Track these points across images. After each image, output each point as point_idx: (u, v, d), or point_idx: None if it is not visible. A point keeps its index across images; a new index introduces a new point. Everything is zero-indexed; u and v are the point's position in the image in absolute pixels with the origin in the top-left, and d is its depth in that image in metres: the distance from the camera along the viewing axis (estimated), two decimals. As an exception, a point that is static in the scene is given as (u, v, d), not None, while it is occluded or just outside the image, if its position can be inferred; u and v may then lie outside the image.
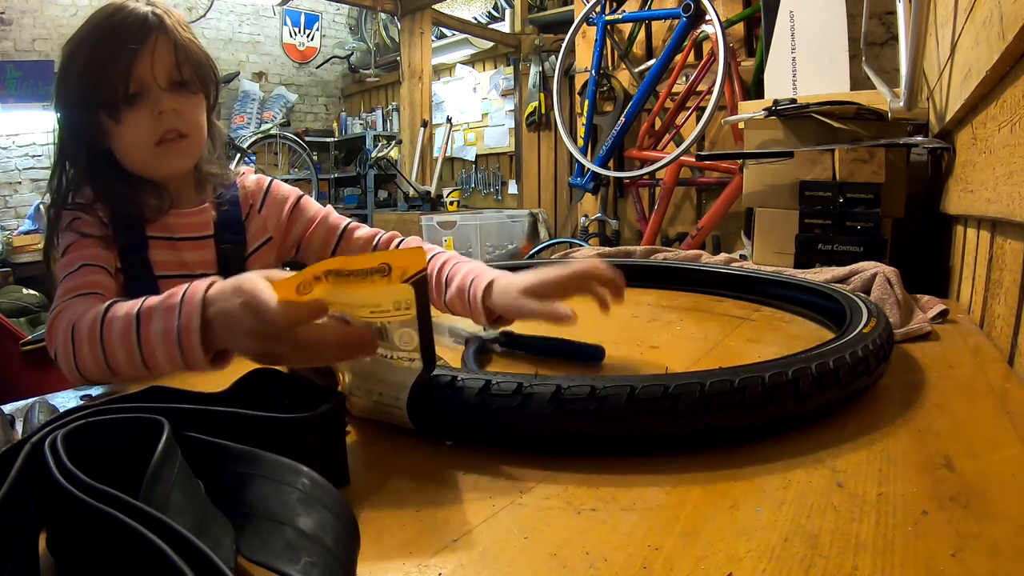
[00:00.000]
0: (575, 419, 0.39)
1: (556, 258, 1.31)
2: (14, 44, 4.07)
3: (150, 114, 0.68)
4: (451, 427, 0.43)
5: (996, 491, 0.35)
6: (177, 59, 0.69)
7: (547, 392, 0.39)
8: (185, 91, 0.71)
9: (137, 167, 0.72)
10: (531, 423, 0.40)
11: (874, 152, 1.09)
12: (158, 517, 0.23)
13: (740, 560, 0.29)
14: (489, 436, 0.42)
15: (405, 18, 3.95)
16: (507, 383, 0.40)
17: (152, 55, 0.68)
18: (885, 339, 0.52)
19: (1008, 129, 0.65)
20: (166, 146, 0.70)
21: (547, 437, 0.40)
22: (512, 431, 0.41)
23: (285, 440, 0.34)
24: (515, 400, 0.40)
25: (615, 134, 2.35)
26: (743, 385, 0.40)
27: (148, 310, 0.51)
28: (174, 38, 0.69)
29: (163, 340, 0.48)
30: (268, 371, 0.44)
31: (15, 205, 4.11)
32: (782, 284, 0.89)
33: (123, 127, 0.68)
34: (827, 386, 0.44)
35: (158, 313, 0.50)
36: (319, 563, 0.24)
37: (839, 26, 1.61)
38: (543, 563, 0.29)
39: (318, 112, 5.95)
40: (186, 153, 0.73)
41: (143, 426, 0.30)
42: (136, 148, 0.70)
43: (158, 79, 0.68)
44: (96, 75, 0.67)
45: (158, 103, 0.68)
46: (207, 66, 0.74)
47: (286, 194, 0.84)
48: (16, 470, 0.26)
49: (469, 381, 0.41)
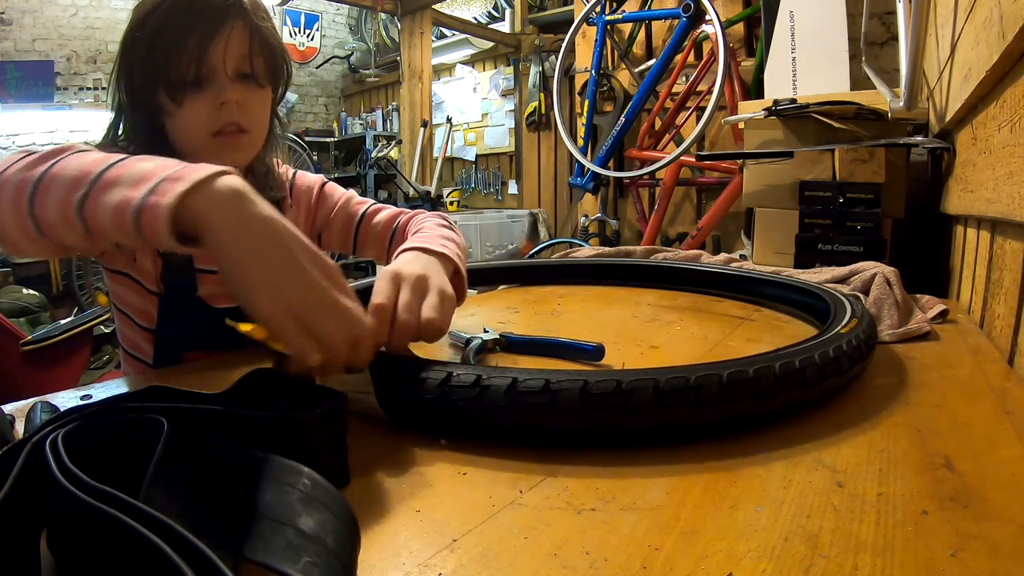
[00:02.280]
0: (530, 412, 0.40)
1: (556, 258, 1.31)
2: (14, 44, 4.07)
3: (212, 103, 0.64)
4: (416, 416, 0.44)
5: (996, 491, 0.35)
6: (251, 49, 0.65)
7: (504, 384, 0.40)
8: (252, 83, 0.67)
9: (189, 153, 0.67)
10: (489, 415, 0.41)
11: (874, 152, 1.09)
12: (158, 517, 0.23)
13: (740, 560, 0.29)
14: (452, 427, 0.43)
15: (405, 18, 3.95)
16: (467, 375, 0.41)
17: (226, 41, 0.63)
18: (862, 341, 0.52)
19: (1008, 129, 0.65)
20: (223, 139, 0.66)
21: (504, 429, 0.41)
22: (471, 422, 0.42)
23: (286, 439, 0.34)
24: (473, 391, 0.41)
25: (615, 134, 2.35)
26: (699, 383, 0.40)
27: (139, 157, 0.41)
28: (252, 26, 0.65)
29: (136, 180, 0.38)
30: (268, 371, 0.44)
31: (15, 205, 4.10)
32: (778, 284, 0.89)
33: (182, 110, 0.64)
34: (791, 385, 0.43)
35: (152, 159, 0.41)
36: (319, 563, 0.24)
37: (839, 26, 1.61)
38: (543, 563, 0.29)
39: (318, 112, 5.95)
40: (243, 149, 0.69)
41: (143, 426, 0.30)
42: (192, 135, 0.66)
43: (228, 67, 0.64)
44: (164, 51, 0.62)
45: (222, 93, 0.64)
46: (280, 59, 0.70)
47: (311, 184, 0.83)
48: (17, 469, 0.26)
49: (433, 372, 0.43)
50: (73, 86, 4.31)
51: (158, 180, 0.38)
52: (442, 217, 0.79)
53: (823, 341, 0.49)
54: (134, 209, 0.37)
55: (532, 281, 1.17)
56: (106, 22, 4.46)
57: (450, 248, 0.63)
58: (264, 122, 0.71)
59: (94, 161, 0.41)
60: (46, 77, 4.08)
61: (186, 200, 0.37)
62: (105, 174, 0.40)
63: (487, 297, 1.09)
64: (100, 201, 0.39)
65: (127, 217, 0.37)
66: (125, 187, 0.38)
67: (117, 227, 0.38)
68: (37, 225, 0.41)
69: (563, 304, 0.97)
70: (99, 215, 0.39)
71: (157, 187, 0.38)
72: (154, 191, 0.37)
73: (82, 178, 0.40)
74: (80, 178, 0.40)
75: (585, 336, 0.63)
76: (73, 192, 0.39)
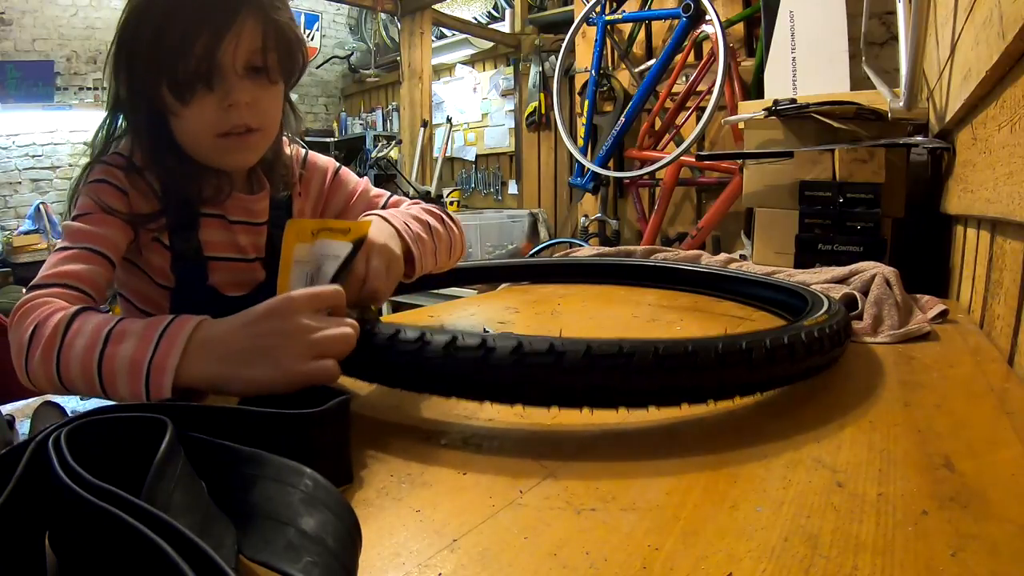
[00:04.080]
0: (467, 365, 0.42)
1: (556, 257, 1.31)
2: (14, 44, 4.07)
3: (219, 103, 0.60)
4: (368, 368, 0.47)
5: (996, 491, 0.35)
6: (264, 44, 0.60)
7: (442, 342, 0.43)
8: (263, 79, 0.62)
9: (195, 153, 0.64)
10: (430, 367, 0.43)
11: (874, 152, 1.09)
12: (160, 516, 0.23)
13: (740, 560, 0.29)
14: (396, 378, 0.47)
15: (405, 18, 3.94)
16: (413, 332, 0.45)
17: (238, 37, 0.58)
18: (824, 334, 0.51)
19: (1008, 129, 0.65)
20: (231, 140, 0.62)
21: (443, 383, 0.45)
22: (414, 375, 0.45)
23: (291, 437, 0.34)
24: (416, 345, 0.44)
25: (615, 134, 2.35)
26: (632, 351, 0.41)
27: (119, 332, 0.47)
28: (266, 19, 0.60)
29: (129, 367, 0.45)
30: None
31: (15, 205, 4.10)
32: (772, 287, 0.89)
33: (188, 110, 0.60)
34: (732, 364, 0.44)
35: (131, 335, 0.46)
36: (320, 563, 0.24)
37: (839, 26, 1.61)
38: (543, 563, 0.29)
39: (318, 112, 5.95)
40: (253, 149, 0.66)
41: (147, 426, 0.30)
42: (198, 135, 0.62)
43: (238, 64, 0.59)
44: (171, 45, 0.57)
45: (230, 93, 0.59)
46: (296, 49, 0.65)
47: (324, 167, 0.80)
48: (21, 468, 0.26)
49: (382, 329, 0.46)
50: (73, 86, 4.30)
51: (146, 374, 0.45)
52: (439, 208, 0.78)
53: (782, 329, 0.50)
54: (143, 391, 0.45)
55: (532, 281, 1.17)
56: (106, 22, 4.45)
57: (411, 228, 0.66)
58: (276, 117, 0.67)
59: (87, 350, 0.47)
60: (46, 77, 4.08)
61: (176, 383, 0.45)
62: (103, 369, 0.46)
63: (487, 297, 1.09)
64: (116, 387, 0.47)
65: (140, 393, 0.45)
66: (125, 379, 0.46)
67: (134, 397, 0.46)
68: (64, 387, 0.49)
69: (563, 304, 0.97)
70: (119, 391, 0.47)
71: (150, 382, 0.45)
72: (149, 384, 0.45)
73: (88, 370, 0.47)
74: (87, 370, 0.47)
75: (585, 335, 0.62)
76: (91, 383, 0.47)
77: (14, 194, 4.11)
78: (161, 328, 0.46)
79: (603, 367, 0.41)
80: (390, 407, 0.51)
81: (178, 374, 0.44)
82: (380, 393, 0.55)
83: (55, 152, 4.17)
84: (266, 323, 0.45)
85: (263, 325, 0.45)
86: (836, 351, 0.54)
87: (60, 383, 0.48)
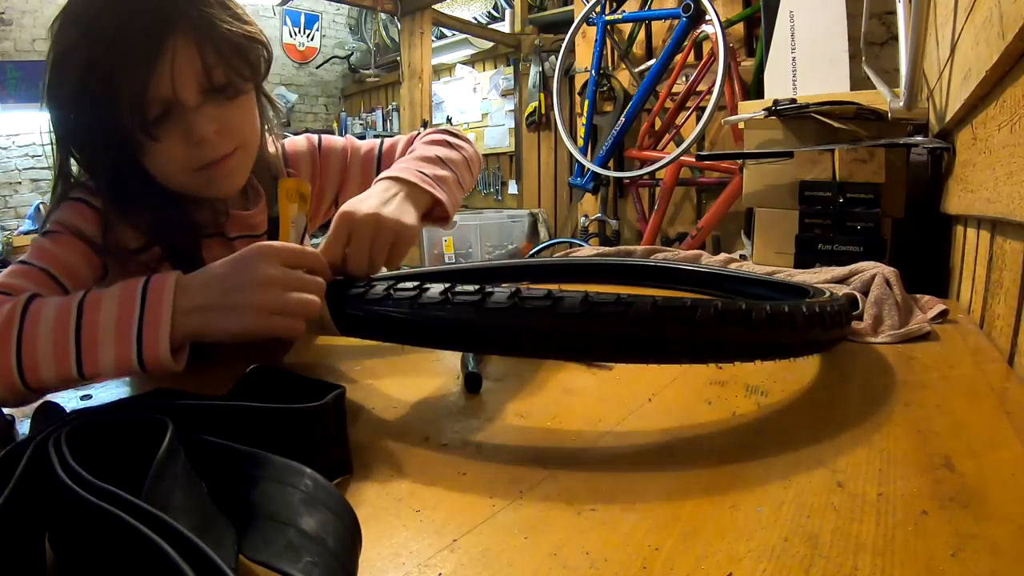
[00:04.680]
0: (464, 316, 0.42)
1: (556, 257, 1.31)
2: (14, 44, 4.07)
3: (185, 141, 0.54)
4: (361, 322, 0.48)
5: (996, 491, 0.35)
6: (206, 63, 0.53)
7: (438, 291, 0.43)
8: (223, 97, 0.56)
9: (179, 189, 0.59)
10: (426, 316, 0.43)
11: (874, 152, 1.09)
12: (160, 516, 0.23)
13: (740, 560, 0.29)
14: (392, 331, 0.46)
15: (405, 18, 3.94)
16: (408, 285, 0.45)
17: (171, 69, 0.51)
18: (824, 311, 0.51)
19: (1008, 129, 0.65)
20: (212, 170, 0.57)
21: (441, 332, 0.44)
22: (410, 325, 0.45)
23: (291, 431, 0.35)
24: (413, 294, 0.44)
25: (615, 134, 2.35)
26: (595, 301, 0.41)
27: (94, 299, 0.44)
28: (198, 34, 0.52)
29: (115, 328, 0.42)
30: (268, 370, 0.44)
31: (15, 205, 4.11)
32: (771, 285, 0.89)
33: (157, 147, 0.54)
34: (731, 322, 0.43)
35: (109, 298, 0.44)
36: (320, 563, 0.24)
37: (839, 26, 1.61)
38: (543, 563, 0.29)
39: (318, 112, 5.95)
40: (236, 172, 0.60)
41: (147, 426, 0.30)
42: (173, 176, 0.57)
43: (185, 97, 0.52)
44: (97, 100, 0.51)
45: (193, 129, 0.53)
46: (250, 49, 0.57)
47: (305, 151, 0.75)
48: (21, 468, 0.26)
49: (377, 285, 0.47)
50: (73, 86, 4.31)
51: (137, 331, 0.43)
52: (442, 131, 0.74)
53: (784, 302, 0.49)
54: (136, 360, 0.44)
55: (532, 281, 1.17)
56: (106, 22, 4.45)
57: (427, 173, 0.62)
58: (254, 129, 0.61)
59: (59, 324, 0.43)
60: (46, 77, 4.08)
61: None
62: (83, 340, 0.43)
63: (487, 297, 1.09)
64: (98, 358, 0.43)
65: (130, 356, 0.43)
66: (111, 345, 0.43)
67: (122, 373, 0.45)
68: (28, 387, 0.45)
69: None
70: (100, 362, 0.44)
71: (144, 340, 0.43)
72: (142, 342, 0.43)
73: (62, 345, 0.43)
74: (60, 346, 0.43)
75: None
76: (64, 361, 0.43)
77: (14, 194, 4.11)
78: (141, 286, 0.44)
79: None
80: (390, 407, 0.51)
81: (174, 325, 0.44)
82: (380, 393, 0.55)
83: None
84: (234, 275, 0.46)
85: (231, 279, 0.46)
86: (836, 330, 0.53)
87: (18, 373, 0.43)
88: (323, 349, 0.70)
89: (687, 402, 0.50)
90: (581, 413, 0.48)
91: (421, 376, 0.60)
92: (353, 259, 0.53)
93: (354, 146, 0.79)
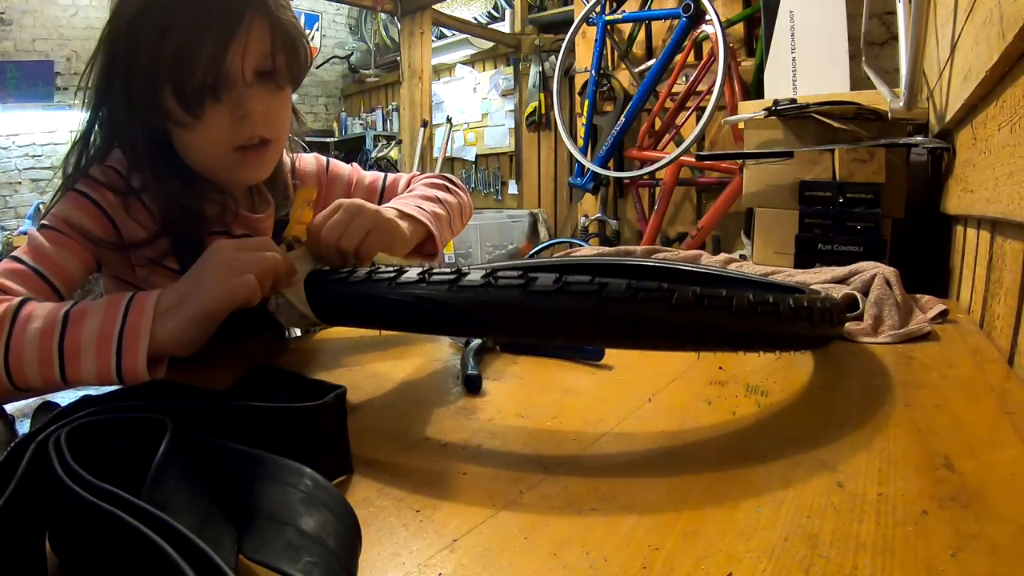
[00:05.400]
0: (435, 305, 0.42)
1: (557, 257, 1.31)
2: (14, 44, 4.07)
3: (232, 115, 0.56)
4: (339, 309, 0.49)
5: (996, 491, 0.35)
6: (273, 46, 0.56)
7: (413, 279, 0.43)
8: (273, 84, 0.58)
9: (205, 169, 0.60)
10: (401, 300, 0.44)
11: (874, 152, 1.09)
12: (160, 516, 0.23)
13: (740, 560, 0.29)
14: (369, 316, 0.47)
15: (405, 18, 3.94)
16: (385, 272, 0.45)
17: (246, 42, 0.54)
18: (815, 307, 0.50)
19: (1008, 129, 0.65)
20: (246, 154, 0.59)
21: (413, 317, 0.44)
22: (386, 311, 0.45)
23: (291, 430, 0.35)
24: (389, 281, 0.44)
25: (615, 134, 2.35)
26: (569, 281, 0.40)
27: (79, 311, 0.45)
28: (272, 19, 0.56)
29: (96, 340, 0.44)
30: (268, 369, 0.44)
31: (15, 205, 4.11)
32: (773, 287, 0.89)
33: (198, 122, 0.55)
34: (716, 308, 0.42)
35: (93, 312, 0.45)
36: (320, 563, 0.24)
37: (839, 26, 1.61)
38: (543, 563, 0.29)
39: (318, 112, 5.95)
40: (267, 163, 0.62)
41: (147, 425, 0.30)
42: (210, 151, 0.58)
43: (246, 71, 0.55)
44: (174, 53, 0.52)
45: (242, 103, 0.55)
46: (301, 49, 0.60)
47: (313, 168, 0.78)
48: (22, 469, 0.26)
49: (356, 275, 0.47)
50: (73, 86, 4.27)
51: (117, 344, 0.44)
52: (441, 177, 0.78)
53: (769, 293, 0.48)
54: (115, 372, 0.44)
55: (532, 281, 1.17)
56: (106, 22, 4.45)
57: (425, 208, 0.66)
58: (287, 127, 0.64)
59: (44, 333, 0.45)
60: (46, 77, 4.08)
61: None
62: (65, 350, 0.45)
63: (487, 297, 1.09)
64: (79, 368, 0.45)
65: (109, 368, 0.44)
66: (92, 356, 0.44)
67: (103, 383, 0.46)
68: (16, 387, 0.46)
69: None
70: (82, 372, 0.45)
71: (123, 351, 0.44)
72: (121, 354, 0.44)
73: (47, 353, 0.44)
74: (45, 353, 0.44)
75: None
76: (48, 368, 0.45)
77: (14, 194, 4.12)
78: (125, 302, 0.46)
79: None
80: (390, 407, 0.51)
81: (152, 338, 0.45)
82: (380, 393, 0.55)
83: (55, 152, 4.18)
84: (198, 266, 0.49)
85: (195, 269, 0.49)
86: (824, 327, 0.53)
87: (6, 373, 0.45)
88: (323, 348, 0.70)
89: (687, 402, 0.50)
90: (581, 413, 0.48)
91: (421, 376, 0.60)
92: (328, 230, 0.54)
93: (359, 176, 0.82)
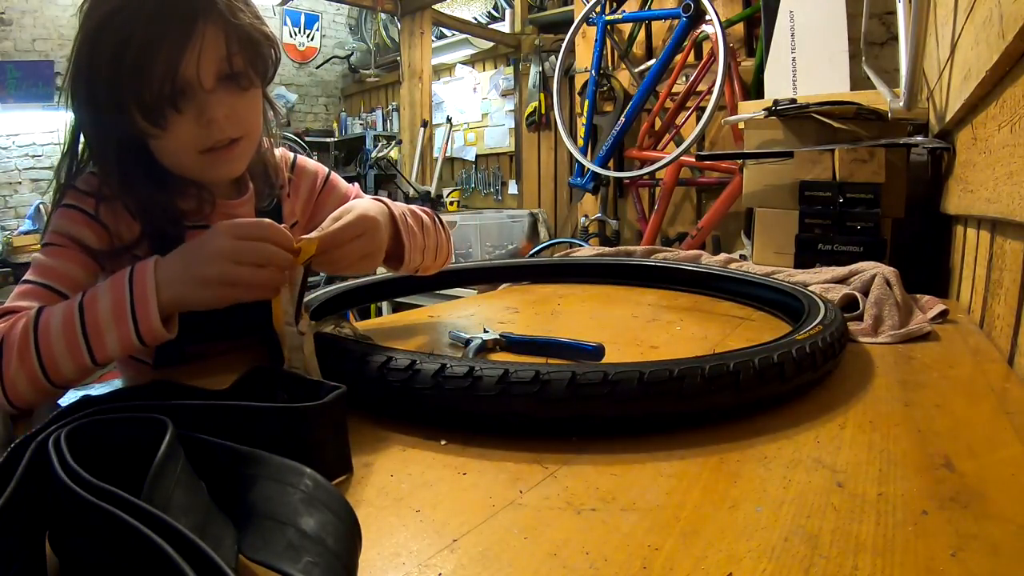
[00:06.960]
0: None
1: (556, 257, 1.31)
2: (14, 44, 4.07)
3: (197, 121, 0.58)
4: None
5: (996, 491, 0.35)
6: (229, 49, 0.57)
7: (403, 362, 0.46)
8: (236, 86, 0.60)
9: (179, 171, 0.63)
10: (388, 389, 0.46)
11: (874, 152, 1.09)
12: (160, 516, 0.23)
13: (740, 560, 0.29)
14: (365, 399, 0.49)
15: (405, 18, 3.94)
16: (379, 354, 0.48)
17: (199, 49, 0.55)
18: (817, 347, 0.51)
19: (1008, 129, 0.65)
20: (217, 153, 0.61)
21: (397, 404, 0.47)
22: (376, 396, 0.48)
23: (292, 430, 0.35)
24: (378, 367, 0.47)
25: (615, 134, 2.35)
26: (550, 376, 0.42)
27: (90, 297, 0.51)
28: (226, 22, 0.56)
29: (113, 315, 0.49)
30: (267, 369, 0.44)
31: (15, 205, 4.11)
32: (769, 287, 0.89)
33: (165, 131, 0.58)
34: (720, 388, 0.44)
35: (103, 293, 0.50)
36: (320, 563, 0.24)
37: (839, 26, 1.61)
38: (543, 563, 0.29)
39: (318, 112, 5.94)
40: (238, 159, 0.64)
41: (147, 425, 0.30)
42: (180, 155, 0.60)
43: (203, 79, 0.56)
44: (131, 70, 0.54)
45: (205, 109, 0.57)
46: (265, 47, 0.62)
47: (314, 171, 0.80)
48: (22, 469, 0.26)
49: (350, 345, 0.51)
50: (73, 86, 4.31)
51: (131, 311, 0.50)
52: (434, 215, 0.79)
53: (771, 346, 0.49)
54: (135, 337, 0.50)
55: (532, 281, 1.17)
56: (106, 22, 4.45)
57: (409, 222, 0.68)
58: (257, 122, 0.65)
59: (66, 326, 0.50)
60: (46, 77, 4.08)
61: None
62: (89, 334, 0.50)
63: (487, 297, 1.09)
64: (105, 343, 0.50)
65: (130, 333, 0.50)
66: (113, 328, 0.50)
67: (128, 351, 0.52)
68: (54, 385, 0.51)
69: (563, 304, 0.97)
70: (108, 347, 0.51)
71: (137, 316, 0.50)
72: (137, 319, 0.50)
73: (73, 341, 0.50)
74: (72, 342, 0.50)
75: (585, 336, 0.63)
76: (78, 355, 0.50)
77: (14, 194, 4.11)
78: (127, 276, 0.51)
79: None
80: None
81: (158, 299, 0.50)
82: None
83: (55, 152, 4.15)
84: (193, 249, 0.51)
85: (190, 253, 0.51)
86: (830, 363, 0.54)
87: (43, 374, 0.49)
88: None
89: (687, 402, 0.50)
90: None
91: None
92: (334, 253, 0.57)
93: (357, 192, 0.85)
